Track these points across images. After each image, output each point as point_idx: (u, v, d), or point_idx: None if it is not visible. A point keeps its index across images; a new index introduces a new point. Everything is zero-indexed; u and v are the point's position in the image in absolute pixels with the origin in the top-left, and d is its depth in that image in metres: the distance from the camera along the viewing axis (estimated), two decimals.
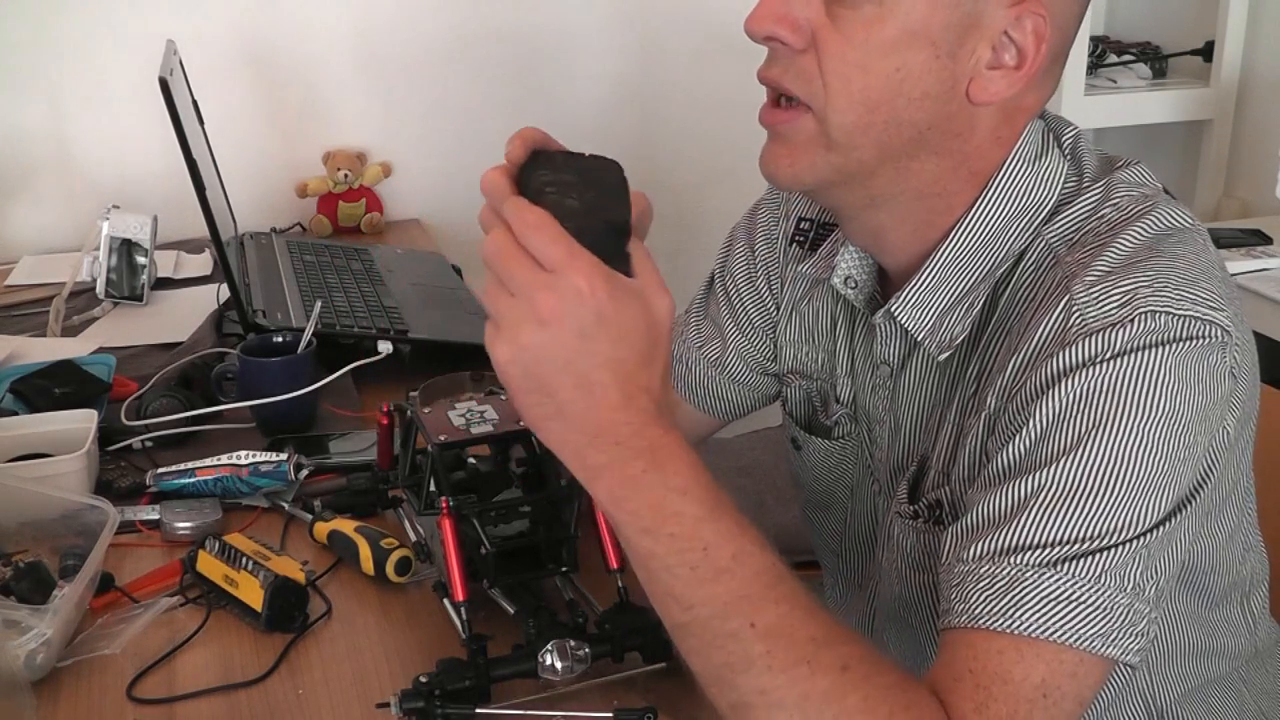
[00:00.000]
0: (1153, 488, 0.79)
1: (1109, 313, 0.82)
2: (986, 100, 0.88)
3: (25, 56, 2.06)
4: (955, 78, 0.87)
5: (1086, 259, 0.86)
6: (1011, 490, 0.81)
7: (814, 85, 0.88)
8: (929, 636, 0.94)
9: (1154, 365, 0.80)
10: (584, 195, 0.77)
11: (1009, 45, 0.87)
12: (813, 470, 1.14)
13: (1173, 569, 0.82)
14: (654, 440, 0.76)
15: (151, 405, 1.37)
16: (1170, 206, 0.90)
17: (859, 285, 1.02)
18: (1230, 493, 0.93)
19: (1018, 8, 0.86)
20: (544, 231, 0.74)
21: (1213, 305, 0.83)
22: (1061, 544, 0.78)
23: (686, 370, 1.20)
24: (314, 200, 2.21)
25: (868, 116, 0.87)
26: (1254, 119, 2.43)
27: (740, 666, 0.75)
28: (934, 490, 0.96)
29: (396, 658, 1.00)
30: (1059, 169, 0.93)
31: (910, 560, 0.98)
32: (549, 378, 0.74)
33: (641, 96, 2.41)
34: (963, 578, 0.80)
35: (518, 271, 0.74)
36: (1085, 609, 0.77)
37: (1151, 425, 0.80)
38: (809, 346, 1.12)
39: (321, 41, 2.21)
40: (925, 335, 0.95)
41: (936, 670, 0.79)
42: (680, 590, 0.75)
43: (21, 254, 2.05)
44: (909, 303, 0.95)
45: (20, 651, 0.95)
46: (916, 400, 0.99)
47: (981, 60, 0.87)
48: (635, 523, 0.75)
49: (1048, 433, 0.81)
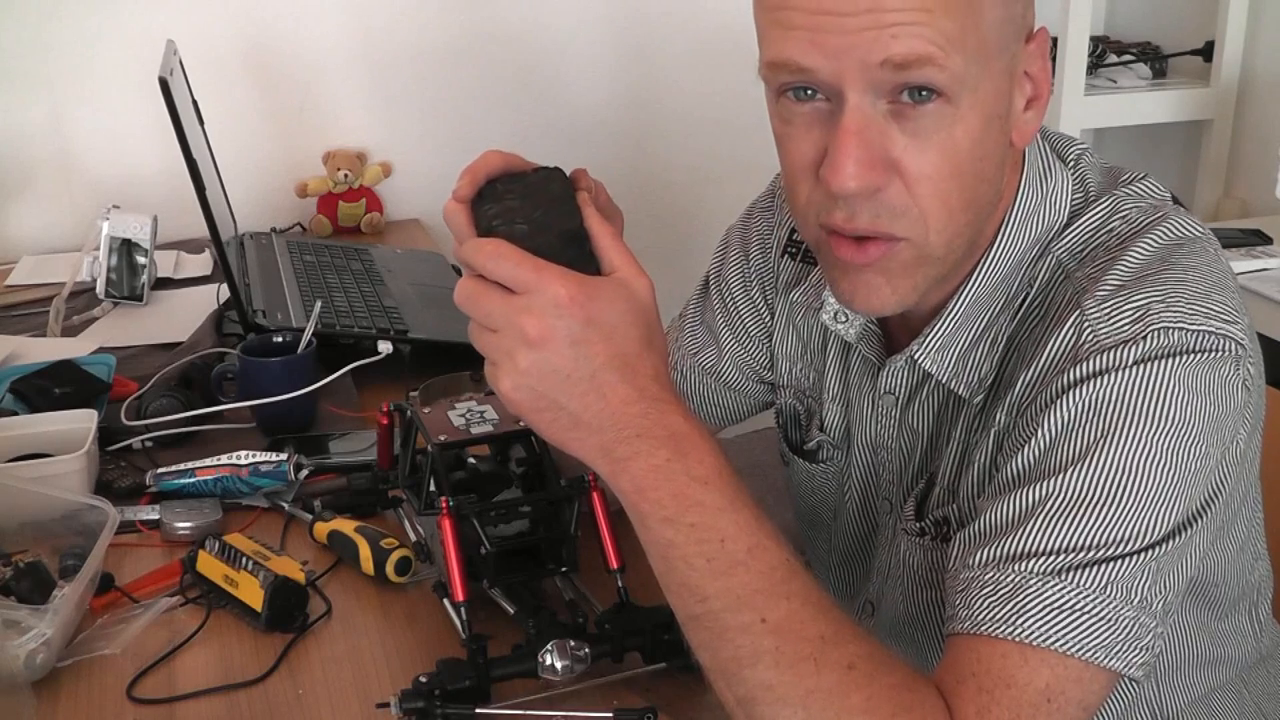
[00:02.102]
0: (1162, 499, 0.78)
1: (1122, 328, 0.81)
2: (1028, 141, 0.86)
3: (25, 56, 2.06)
4: (1007, 135, 0.85)
5: (1097, 274, 0.85)
6: (1019, 498, 0.80)
7: (911, 216, 0.82)
8: (936, 654, 0.93)
9: (1165, 376, 0.79)
10: (531, 216, 0.79)
11: (1027, 80, 0.85)
12: (799, 489, 1.14)
13: (1183, 584, 0.81)
14: (675, 429, 0.77)
15: (151, 405, 1.37)
16: (1180, 216, 0.88)
17: (849, 319, 0.99)
18: (1241, 504, 0.93)
19: (1032, 43, 0.84)
20: (505, 259, 0.75)
21: (1226, 319, 0.82)
22: (1067, 552, 0.77)
23: (681, 378, 1.18)
24: (314, 200, 2.21)
25: (963, 218, 0.84)
26: (1254, 119, 2.43)
27: (748, 660, 0.75)
28: (941, 507, 0.95)
29: (396, 658, 1.00)
30: (1066, 188, 0.91)
31: (918, 578, 0.98)
32: (555, 392, 0.76)
33: (639, 97, 2.41)
34: (968, 584, 0.80)
35: (492, 306, 0.76)
36: (1089, 619, 0.76)
37: (1162, 436, 0.79)
38: (802, 364, 1.10)
39: (322, 41, 2.21)
40: (950, 377, 0.93)
41: (940, 673, 0.79)
42: (696, 581, 0.76)
43: (21, 254, 2.05)
44: (932, 347, 0.92)
45: (20, 651, 0.95)
46: (926, 424, 0.98)
47: (1019, 107, 0.85)
48: (658, 512, 0.76)
49: (1057, 441, 0.80)
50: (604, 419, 0.76)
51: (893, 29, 0.76)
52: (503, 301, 0.75)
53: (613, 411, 0.76)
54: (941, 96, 0.78)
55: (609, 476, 0.78)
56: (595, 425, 0.76)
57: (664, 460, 0.76)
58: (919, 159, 0.80)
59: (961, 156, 0.81)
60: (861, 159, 0.79)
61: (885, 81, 0.78)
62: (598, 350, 0.75)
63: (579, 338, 0.75)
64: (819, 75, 0.79)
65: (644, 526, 0.77)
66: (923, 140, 0.80)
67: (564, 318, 0.75)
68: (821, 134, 0.82)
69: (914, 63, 0.77)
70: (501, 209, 0.79)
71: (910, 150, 0.80)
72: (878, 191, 0.81)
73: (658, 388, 0.77)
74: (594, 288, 0.76)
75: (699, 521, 0.75)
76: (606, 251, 0.79)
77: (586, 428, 0.77)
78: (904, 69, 0.77)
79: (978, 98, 0.80)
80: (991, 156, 0.83)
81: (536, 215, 0.78)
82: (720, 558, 0.75)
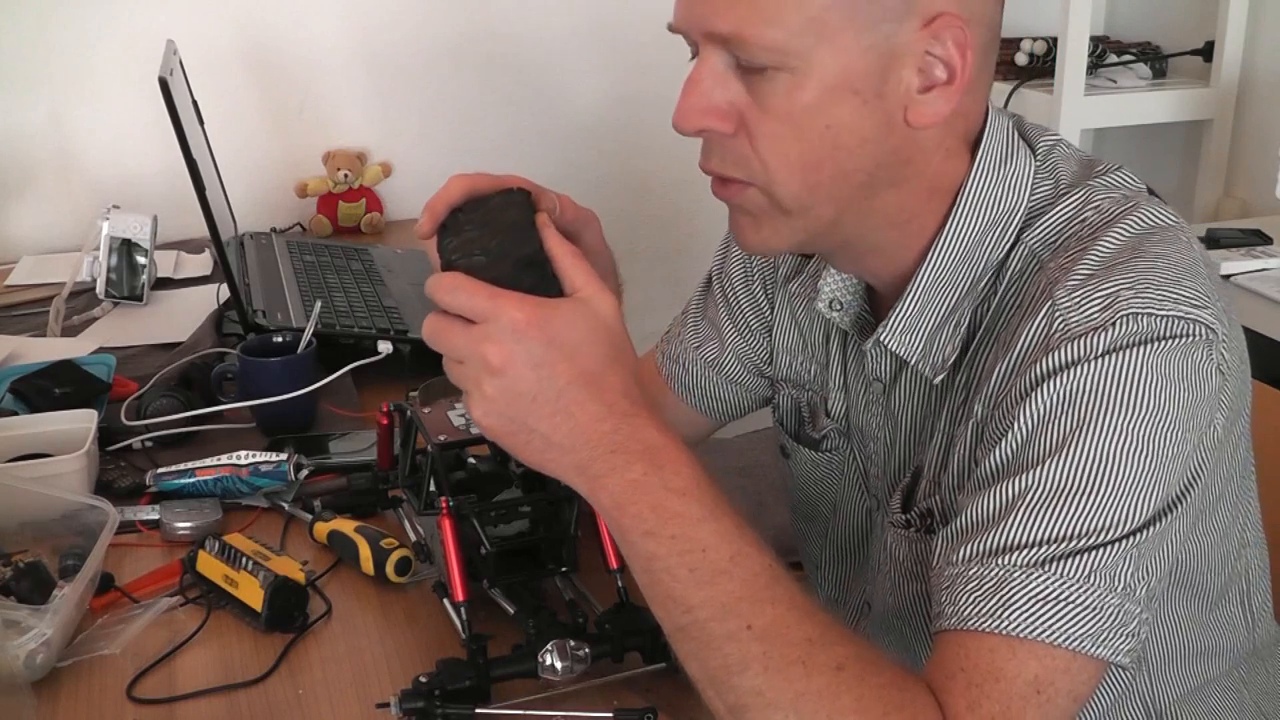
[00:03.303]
0: (1140, 486, 0.79)
1: (1091, 316, 0.82)
2: (931, 123, 0.86)
3: (25, 56, 2.06)
4: (888, 113, 0.86)
5: (1069, 263, 0.86)
6: (999, 492, 0.81)
7: (752, 165, 0.87)
8: (924, 646, 0.93)
9: (1138, 364, 0.80)
10: (488, 245, 0.80)
11: (935, 63, 0.85)
12: (798, 480, 1.15)
13: (1164, 569, 0.82)
14: (650, 442, 0.78)
15: (151, 405, 1.37)
16: (1151, 206, 0.89)
17: (844, 307, 1.01)
18: (1223, 491, 0.93)
19: (931, 27, 0.84)
20: (460, 291, 0.78)
21: (1196, 304, 0.82)
22: (1049, 543, 0.78)
23: (684, 371, 1.20)
24: (314, 200, 2.21)
25: (813, 178, 0.87)
26: (1254, 119, 2.43)
27: (737, 668, 0.75)
28: (926, 499, 0.95)
29: (396, 658, 1.00)
30: (1026, 172, 0.92)
31: (904, 570, 0.98)
32: (524, 415, 0.78)
33: (640, 97, 2.40)
34: (952, 580, 0.80)
35: (455, 339, 0.78)
36: (1074, 609, 0.77)
37: (1137, 423, 0.79)
38: (803, 357, 1.11)
39: (321, 41, 2.21)
40: (917, 359, 0.94)
41: (929, 669, 0.79)
42: (680, 592, 0.76)
43: (21, 254, 2.05)
44: (897, 329, 0.94)
45: (20, 651, 0.95)
46: (909, 413, 0.99)
47: (912, 87, 0.85)
48: (638, 526, 0.77)
49: (1033, 435, 0.81)
50: (575, 438, 0.78)
51: (714, 3, 0.84)
52: (464, 333, 0.77)
53: (583, 430, 0.77)
54: (772, 66, 0.83)
55: (588, 494, 0.79)
56: (568, 445, 0.78)
57: (640, 474, 0.77)
58: (759, 117, 0.85)
59: (801, 121, 0.84)
60: (695, 104, 0.86)
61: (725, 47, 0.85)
62: (561, 370, 0.77)
63: (540, 359, 0.77)
64: (688, 37, 0.88)
65: (625, 541, 0.78)
66: (761, 101, 0.85)
67: (523, 341, 0.76)
68: None
69: (733, 40, 0.83)
70: (460, 242, 0.81)
71: (752, 109, 0.85)
72: (725, 137, 0.87)
73: (627, 403, 0.79)
74: (552, 309, 0.78)
75: (679, 533, 0.76)
76: (567, 272, 0.81)
77: (559, 448, 0.78)
78: (728, 43, 0.84)
79: (816, 70, 0.83)
80: (849, 128, 0.85)
81: (493, 244, 0.80)
82: (703, 567, 0.76)
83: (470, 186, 0.84)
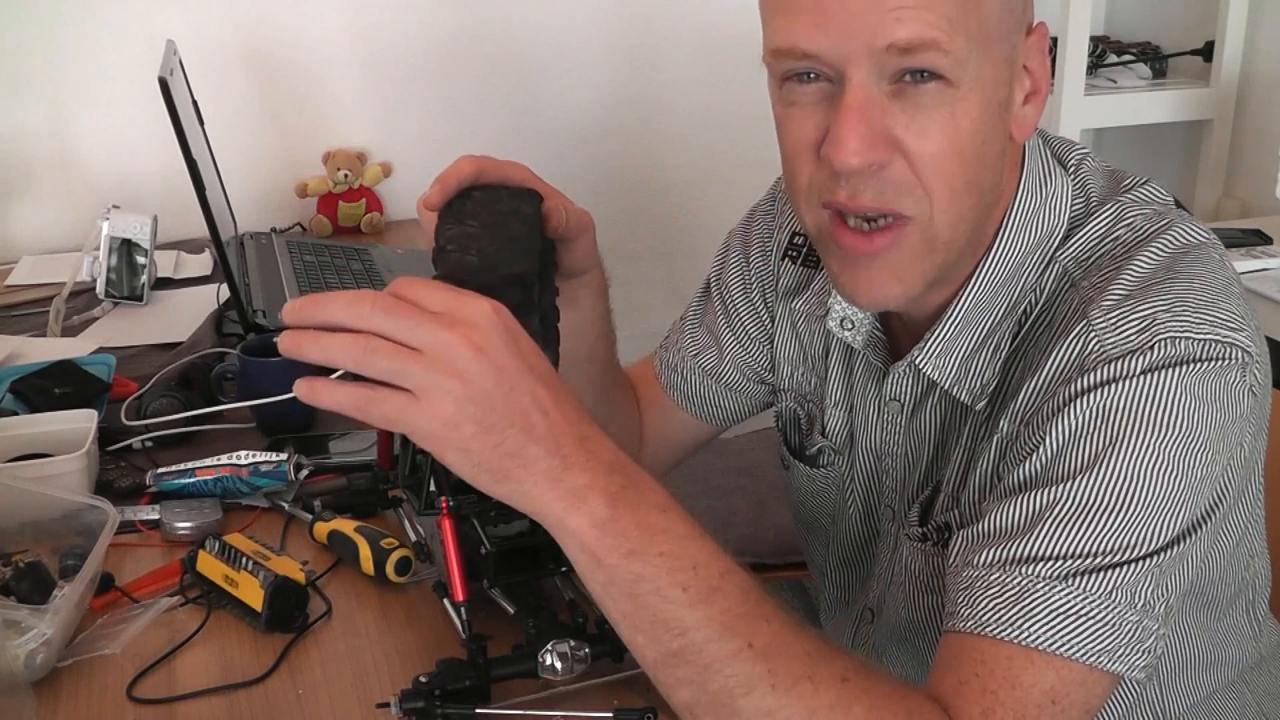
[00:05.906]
0: (1168, 506, 0.78)
1: (1129, 338, 0.81)
2: (1027, 136, 0.85)
3: (26, 56, 2.06)
4: (1007, 126, 0.85)
5: (1103, 283, 0.85)
6: (1027, 501, 0.80)
7: (917, 195, 0.82)
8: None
9: (1172, 385, 0.79)
10: (485, 248, 0.76)
11: (1026, 74, 0.85)
12: (797, 492, 1.14)
13: (1184, 586, 0.82)
14: (617, 456, 0.74)
15: (151, 405, 1.37)
16: (1184, 223, 0.88)
17: (856, 326, 0.99)
18: (1237, 501, 0.93)
19: (1031, 37, 0.84)
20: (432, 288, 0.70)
21: (1232, 326, 0.82)
22: (1074, 558, 0.77)
23: (682, 380, 1.18)
24: (314, 200, 2.21)
25: (967, 202, 0.83)
26: (1254, 119, 2.43)
27: (741, 690, 0.72)
28: (944, 514, 0.95)
29: (396, 658, 1.00)
30: (1065, 193, 0.91)
31: (920, 583, 0.98)
32: (501, 408, 0.69)
33: (639, 96, 2.41)
34: (971, 582, 0.80)
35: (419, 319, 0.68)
36: (1094, 624, 0.76)
37: (1168, 444, 0.79)
38: (804, 368, 1.10)
39: (321, 41, 2.21)
40: (952, 384, 0.92)
41: (939, 673, 0.79)
42: (673, 614, 0.72)
43: (21, 254, 2.05)
44: (933, 352, 0.92)
45: (20, 651, 0.94)
46: (932, 431, 0.98)
47: (1018, 100, 0.85)
48: (622, 546, 0.71)
49: (1066, 447, 0.80)
50: (550, 439, 0.70)
51: (896, 12, 0.77)
52: (431, 316, 0.69)
53: (556, 432, 0.71)
54: (942, 79, 0.79)
55: (560, 513, 0.71)
56: (547, 442, 0.70)
57: (619, 487, 0.71)
58: (921, 137, 0.80)
59: (963, 137, 0.81)
60: (864, 135, 0.79)
61: (889, 64, 0.79)
62: (535, 363, 0.72)
63: (514, 350, 0.70)
64: (823, 59, 0.80)
65: (601, 567, 0.72)
66: (924, 119, 0.80)
67: (497, 328, 0.70)
68: (824, 114, 0.82)
69: (918, 47, 0.78)
70: (459, 233, 0.77)
71: (912, 129, 0.80)
72: (881, 169, 0.81)
73: (585, 415, 0.74)
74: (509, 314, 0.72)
75: (669, 550, 0.72)
76: None
77: (538, 446, 0.70)
78: (908, 53, 0.78)
79: (978, 82, 0.80)
80: (992, 143, 0.83)
81: (491, 250, 0.76)
82: (696, 585, 0.72)
83: (479, 168, 0.81)
